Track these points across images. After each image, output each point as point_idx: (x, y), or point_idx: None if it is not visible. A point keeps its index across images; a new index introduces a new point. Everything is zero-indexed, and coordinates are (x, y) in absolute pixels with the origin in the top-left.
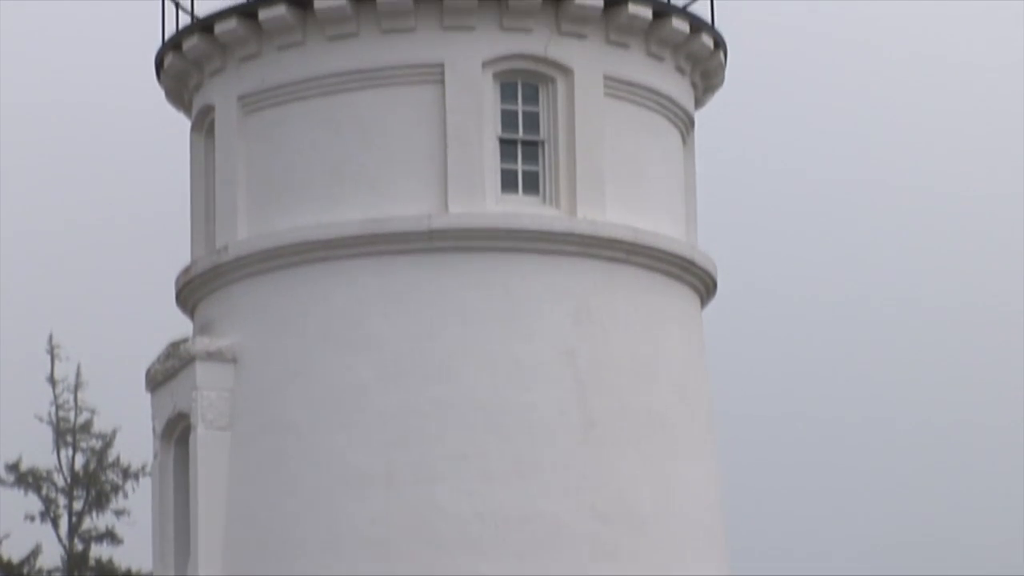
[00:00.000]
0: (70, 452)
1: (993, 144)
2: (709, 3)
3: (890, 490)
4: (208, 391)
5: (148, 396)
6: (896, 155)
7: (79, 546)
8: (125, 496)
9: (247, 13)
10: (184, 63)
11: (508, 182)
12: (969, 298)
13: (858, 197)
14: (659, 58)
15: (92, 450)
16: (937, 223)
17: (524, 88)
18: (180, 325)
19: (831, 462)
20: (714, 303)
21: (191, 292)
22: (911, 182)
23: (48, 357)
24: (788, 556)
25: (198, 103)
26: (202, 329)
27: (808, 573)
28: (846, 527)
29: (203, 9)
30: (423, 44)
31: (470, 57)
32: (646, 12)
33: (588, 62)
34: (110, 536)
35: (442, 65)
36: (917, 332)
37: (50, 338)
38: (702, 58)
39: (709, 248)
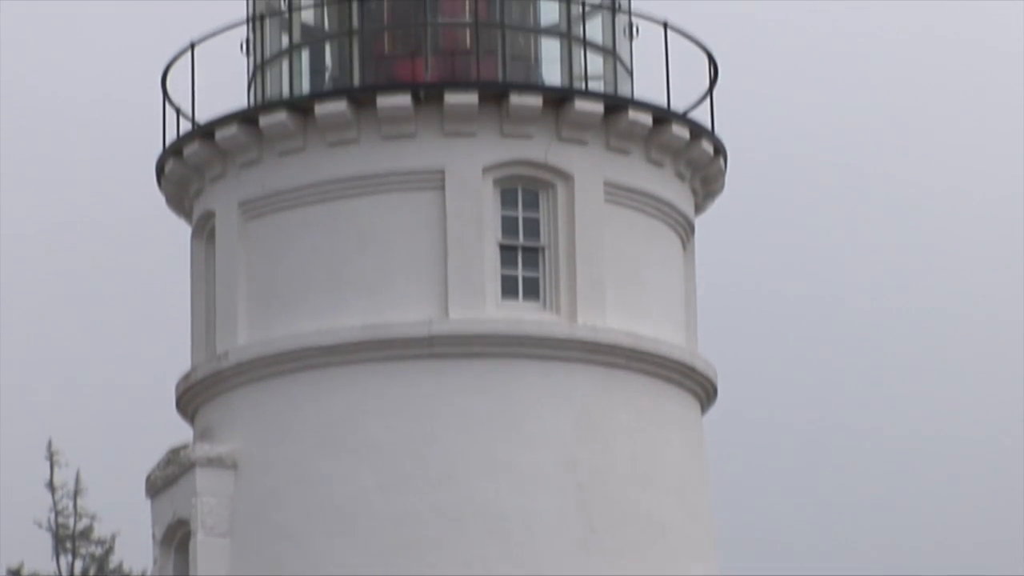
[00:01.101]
0: (70, 558)
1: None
2: (709, 109)
3: None
4: (208, 497)
5: (148, 502)
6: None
7: None
8: None
9: (248, 119)
10: (185, 169)
11: (508, 288)
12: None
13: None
14: (659, 164)
15: (92, 556)
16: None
17: (524, 194)
18: (180, 431)
19: (832, 561)
20: (714, 409)
21: (191, 398)
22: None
23: (47, 463)
24: None
25: (199, 209)
26: (202, 435)
27: None
28: None
29: (204, 115)
30: (423, 150)
31: (470, 163)
32: (646, 118)
33: (588, 168)
34: None
35: (442, 171)
36: (919, 450)
37: (49, 444)
38: (702, 164)
39: (709, 354)
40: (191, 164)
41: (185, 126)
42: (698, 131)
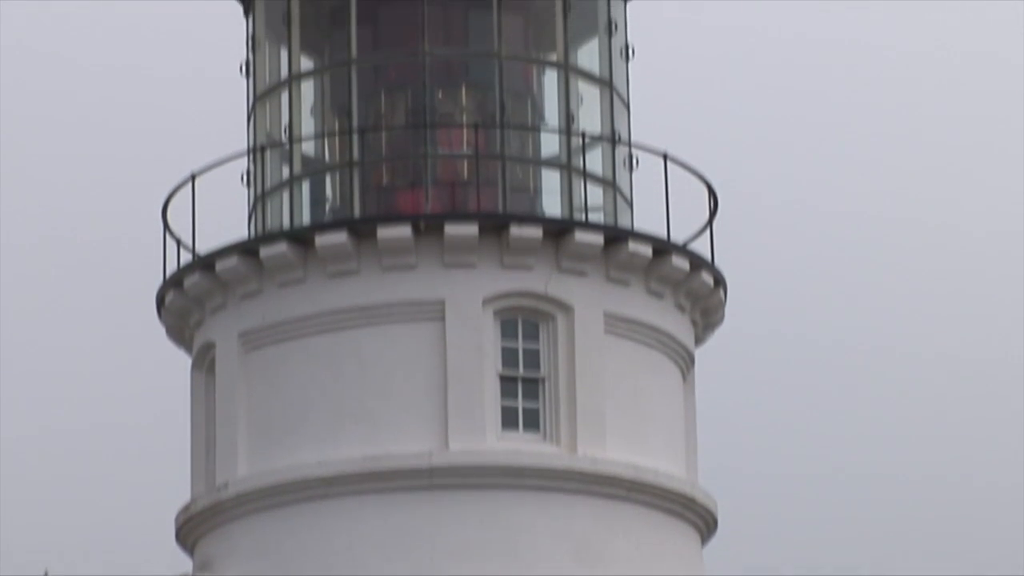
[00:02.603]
0: None
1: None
2: (709, 240)
3: None
4: None
5: None
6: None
7: None
8: None
9: (248, 251)
10: (185, 300)
11: (508, 419)
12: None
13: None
14: (659, 295)
15: None
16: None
17: (525, 325)
18: (180, 563)
19: None
20: (715, 540)
21: (191, 529)
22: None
23: None
24: None
25: (199, 340)
26: (202, 567)
27: None
28: None
29: (204, 246)
30: (424, 281)
31: (470, 294)
32: (646, 250)
33: (588, 299)
34: None
35: (443, 302)
36: None
37: (45, 574)
38: (702, 296)
39: (709, 485)
40: (191, 295)
41: (185, 257)
42: (698, 263)
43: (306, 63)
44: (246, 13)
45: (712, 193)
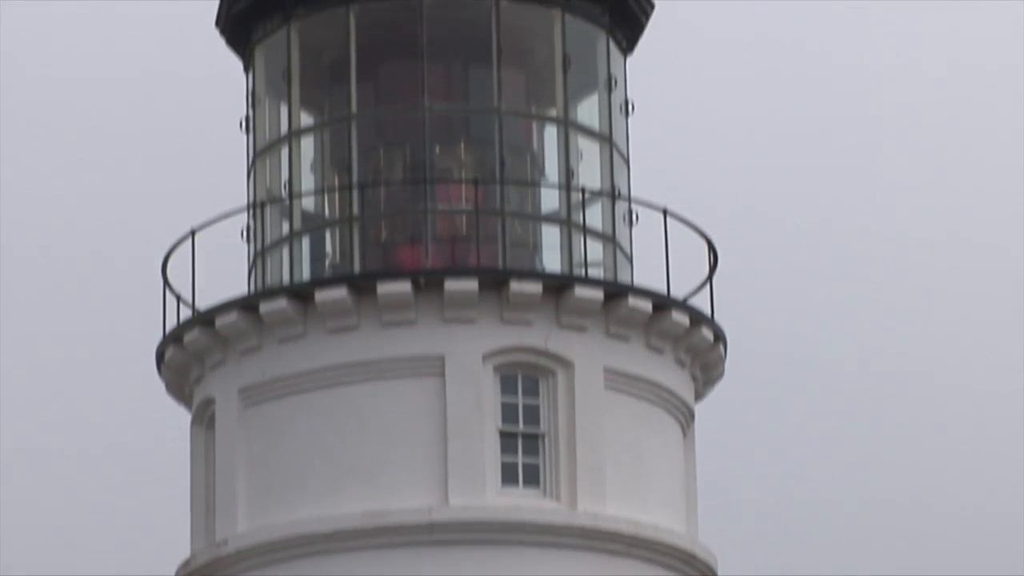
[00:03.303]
0: None
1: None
2: (709, 296)
3: None
4: None
5: None
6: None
7: None
8: None
9: (248, 306)
10: (185, 356)
11: (508, 475)
12: None
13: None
14: (659, 351)
15: None
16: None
17: (525, 381)
18: None
19: None
20: None
21: None
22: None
23: None
24: None
25: (198, 396)
26: None
27: None
28: None
29: (204, 302)
30: (423, 337)
31: (470, 350)
32: (646, 305)
33: (588, 355)
34: None
35: (442, 358)
36: None
37: None
38: (702, 351)
39: (710, 541)
40: (191, 351)
41: (185, 313)
42: (698, 318)
43: (306, 119)
44: (246, 69)
45: (712, 248)
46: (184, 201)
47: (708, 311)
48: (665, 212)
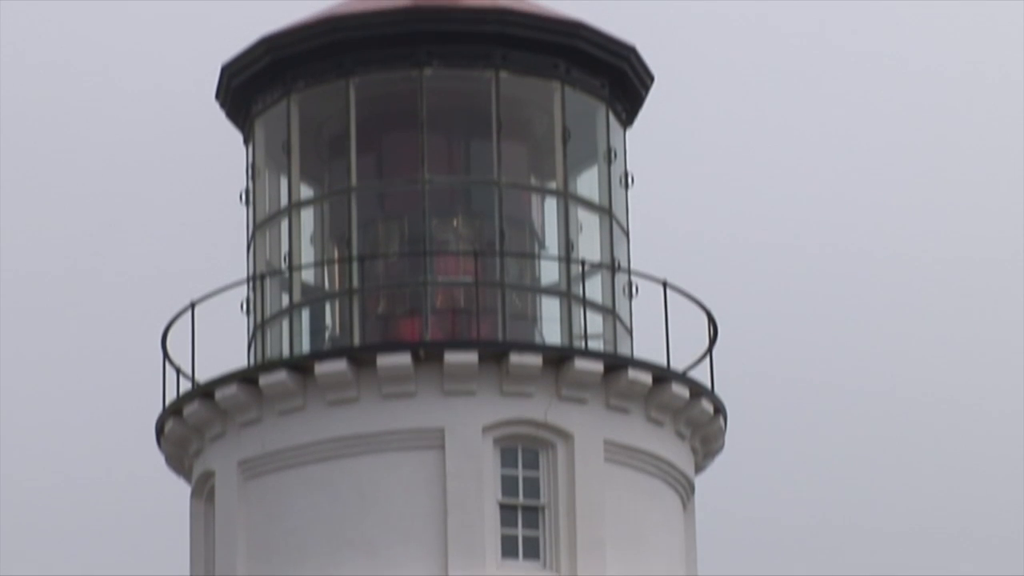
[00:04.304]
0: None
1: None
2: (709, 368)
3: None
4: None
5: None
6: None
7: None
8: None
9: (248, 379)
10: (184, 429)
11: (508, 548)
12: None
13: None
14: (659, 423)
15: None
16: None
17: (524, 453)
18: None
19: None
20: None
21: None
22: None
23: None
24: None
25: (198, 469)
26: None
27: None
28: None
29: (204, 374)
30: (423, 409)
31: (470, 422)
32: (646, 378)
33: (588, 427)
34: None
35: (442, 430)
36: None
37: None
38: (702, 424)
39: None
40: (191, 424)
41: (185, 385)
42: (698, 390)
43: (306, 191)
44: (246, 141)
45: (712, 321)
46: (184, 273)
47: (708, 383)
48: (665, 284)
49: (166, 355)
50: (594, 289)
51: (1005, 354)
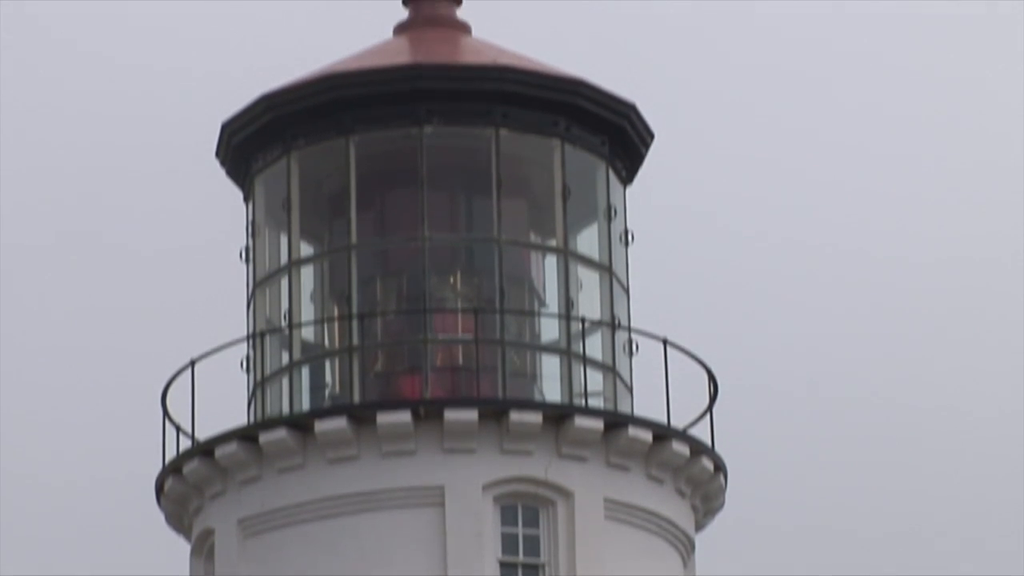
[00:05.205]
0: None
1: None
2: (709, 426)
3: None
4: None
5: None
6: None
7: None
8: None
9: (248, 437)
10: (184, 487)
11: None
12: None
13: None
14: (659, 481)
15: None
16: None
17: (524, 511)
18: None
19: None
20: None
21: None
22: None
23: None
24: None
25: (198, 527)
26: None
27: None
28: None
29: (203, 432)
30: (423, 467)
31: (470, 480)
32: (646, 435)
33: (588, 485)
34: None
35: (442, 488)
36: None
37: None
38: (703, 481)
39: None
40: (191, 482)
41: (185, 443)
42: (698, 448)
43: (306, 248)
44: (246, 199)
45: (712, 378)
46: (183, 331)
47: (708, 441)
48: (665, 342)
49: (166, 413)
50: (594, 347)
51: (1005, 354)
